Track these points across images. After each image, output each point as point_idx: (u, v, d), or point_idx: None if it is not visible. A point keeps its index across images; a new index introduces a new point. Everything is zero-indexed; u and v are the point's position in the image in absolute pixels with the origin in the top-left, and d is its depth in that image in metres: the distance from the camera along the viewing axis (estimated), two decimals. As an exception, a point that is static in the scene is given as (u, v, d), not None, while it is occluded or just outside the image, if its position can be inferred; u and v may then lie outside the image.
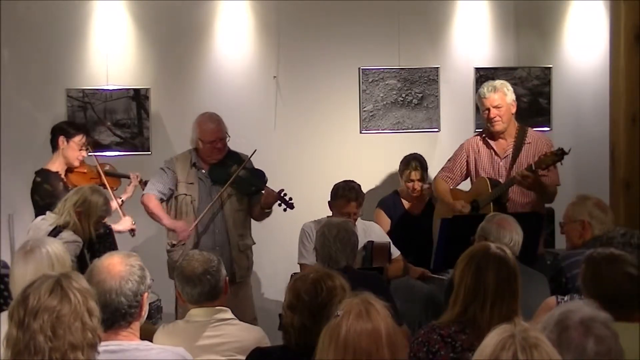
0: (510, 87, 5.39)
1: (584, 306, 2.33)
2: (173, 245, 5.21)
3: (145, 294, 2.77)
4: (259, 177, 5.24)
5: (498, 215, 4.19)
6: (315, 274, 2.95)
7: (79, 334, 2.25)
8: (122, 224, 5.11)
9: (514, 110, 5.38)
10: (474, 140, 5.52)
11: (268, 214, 5.29)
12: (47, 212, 4.59)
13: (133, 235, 5.22)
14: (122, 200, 5.28)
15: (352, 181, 5.32)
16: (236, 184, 5.18)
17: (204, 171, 5.24)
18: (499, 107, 5.30)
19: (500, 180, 5.31)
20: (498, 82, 5.40)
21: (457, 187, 5.57)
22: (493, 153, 5.40)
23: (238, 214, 5.25)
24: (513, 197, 5.26)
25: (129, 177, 5.41)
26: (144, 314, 2.80)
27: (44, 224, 4.49)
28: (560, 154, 4.90)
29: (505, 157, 5.36)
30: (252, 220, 5.39)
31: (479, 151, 5.44)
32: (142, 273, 2.77)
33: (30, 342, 2.22)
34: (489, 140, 5.42)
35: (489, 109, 5.31)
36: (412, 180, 5.73)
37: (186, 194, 5.20)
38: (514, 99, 5.38)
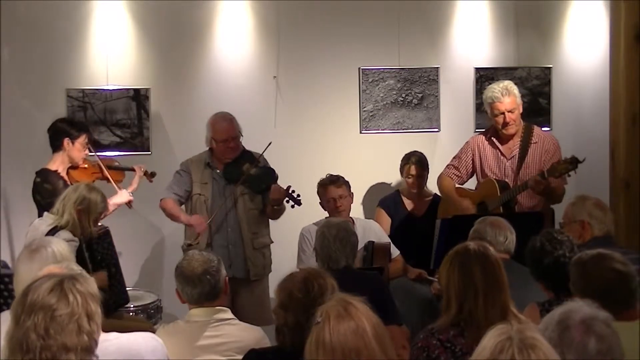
0: (516, 87, 5.35)
1: (585, 306, 2.33)
2: (189, 246, 5.20)
3: None
4: (269, 174, 5.25)
5: (490, 217, 4.25)
6: (304, 272, 2.97)
7: (73, 336, 2.22)
8: (119, 197, 5.08)
9: (521, 109, 5.35)
10: (480, 139, 5.48)
11: (280, 211, 5.28)
12: (45, 213, 4.58)
13: (130, 207, 5.18)
14: (129, 194, 5.27)
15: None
16: (248, 182, 5.19)
17: (218, 171, 5.25)
18: (512, 111, 5.26)
19: (507, 180, 5.28)
20: (507, 84, 5.32)
21: (463, 186, 5.56)
22: (499, 153, 5.36)
23: (251, 212, 5.24)
24: (520, 200, 5.23)
25: (133, 170, 5.40)
26: None
27: (42, 224, 4.48)
28: (574, 163, 4.82)
29: (511, 158, 5.33)
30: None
31: (484, 150, 5.41)
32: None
33: (23, 339, 2.19)
34: (495, 141, 5.39)
35: (503, 113, 5.25)
36: (411, 176, 5.73)
37: (200, 194, 5.22)
38: (520, 97, 5.35)
